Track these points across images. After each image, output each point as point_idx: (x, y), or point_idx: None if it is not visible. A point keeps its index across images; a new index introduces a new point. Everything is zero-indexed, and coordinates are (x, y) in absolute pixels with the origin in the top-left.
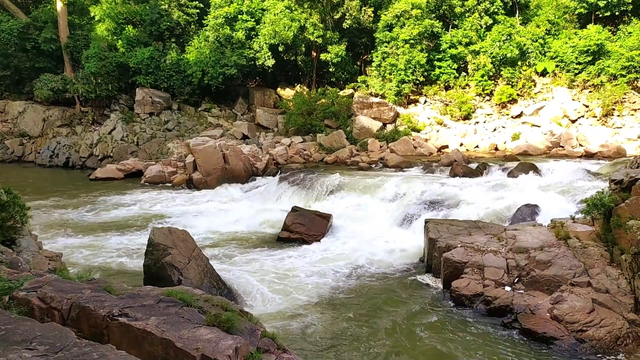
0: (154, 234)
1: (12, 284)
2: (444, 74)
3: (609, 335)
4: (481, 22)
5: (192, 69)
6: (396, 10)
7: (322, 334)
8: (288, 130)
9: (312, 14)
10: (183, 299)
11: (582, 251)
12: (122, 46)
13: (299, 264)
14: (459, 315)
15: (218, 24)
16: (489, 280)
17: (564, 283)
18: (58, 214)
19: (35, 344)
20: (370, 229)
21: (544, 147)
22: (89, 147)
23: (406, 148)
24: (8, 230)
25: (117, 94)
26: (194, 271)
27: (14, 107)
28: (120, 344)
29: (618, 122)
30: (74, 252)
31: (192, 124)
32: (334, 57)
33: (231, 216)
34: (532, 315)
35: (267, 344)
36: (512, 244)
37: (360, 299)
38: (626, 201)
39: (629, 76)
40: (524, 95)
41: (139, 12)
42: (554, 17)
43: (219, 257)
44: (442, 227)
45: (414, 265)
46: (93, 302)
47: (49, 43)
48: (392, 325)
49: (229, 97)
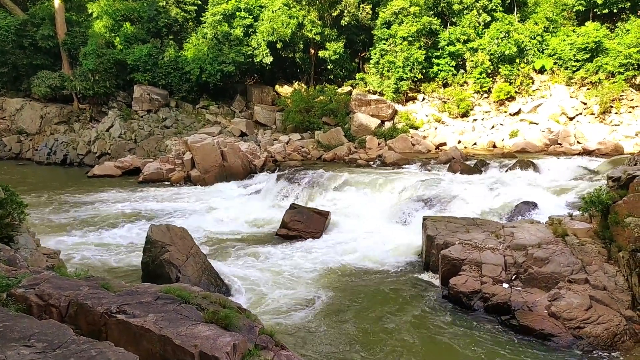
0: (152, 231)
1: (10, 281)
2: (442, 72)
3: (607, 332)
4: (479, 20)
5: (190, 66)
6: (394, 8)
7: (320, 331)
8: (286, 128)
9: (310, 11)
10: (181, 296)
11: (580, 248)
12: (119, 43)
13: (297, 261)
14: (456, 312)
15: (216, 21)
16: (487, 278)
17: (561, 280)
18: (56, 211)
19: (33, 340)
20: (368, 226)
21: (542, 144)
22: (87, 145)
23: (404, 145)
24: (6, 228)
25: (114, 91)
26: (192, 268)
27: (11, 104)
28: (119, 341)
29: (616, 120)
30: (71, 249)
31: (190, 121)
32: (332, 55)
33: (229, 213)
34: (530, 312)
35: (265, 340)
36: (510, 241)
37: (358, 296)
38: (624, 198)
39: (627, 73)
40: (522, 92)
41: (136, 9)
42: (552, 15)
43: (217, 254)
44: (440, 224)
45: (411, 263)
46: (91, 299)
47: (46, 40)
48: (390, 322)
49: (227, 94)
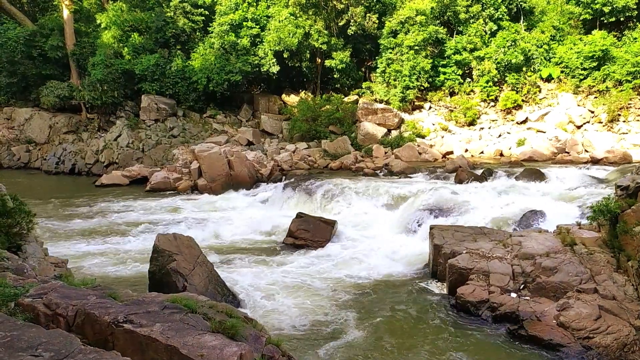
0: (159, 240)
1: (17, 290)
2: (449, 80)
3: (616, 342)
4: (486, 28)
5: (197, 75)
6: (400, 17)
7: (326, 340)
8: (293, 137)
9: (317, 20)
10: (188, 306)
11: (589, 257)
12: (128, 53)
13: (304, 270)
14: (464, 322)
15: (223, 31)
16: (495, 287)
17: (570, 290)
18: (64, 220)
19: (41, 350)
20: (375, 234)
21: (549, 152)
22: (95, 154)
23: (411, 154)
24: (14, 237)
25: (122, 100)
26: (199, 277)
27: (20, 114)
28: (125, 350)
29: (624, 128)
30: (79, 258)
31: (197, 130)
32: (339, 64)
33: (236, 222)
34: (538, 322)
35: (272, 350)
36: (518, 250)
37: (365, 305)
38: (632, 207)
39: (634, 82)
40: (529, 101)
41: (144, 19)
42: (558, 23)
43: (224, 263)
44: (447, 233)
45: (419, 272)
46: (98, 309)
47: (55, 50)
48: (397, 331)
49: (233, 103)
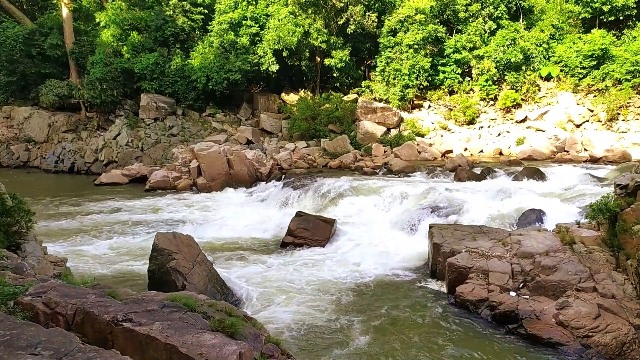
0: (158, 239)
1: (17, 289)
2: (448, 79)
3: (615, 340)
4: (485, 27)
5: (196, 74)
6: (400, 16)
7: (325, 339)
8: (292, 135)
9: (316, 19)
10: (187, 304)
11: (588, 256)
12: (127, 52)
13: (303, 269)
14: (463, 321)
15: (222, 30)
16: (494, 286)
17: (569, 288)
18: (63, 218)
19: (40, 349)
20: (375, 233)
21: (549, 151)
22: (94, 153)
23: (410, 153)
24: (13, 236)
25: (122, 99)
26: (198, 276)
27: (19, 112)
28: (125, 349)
29: (623, 127)
30: (78, 256)
31: (197, 129)
32: (338, 62)
33: (235, 221)
34: (538, 321)
35: (271, 349)
36: (517, 249)
37: (365, 304)
38: (632, 206)
39: (633, 80)
40: (528, 100)
41: (144, 18)
42: (558, 22)
43: (223, 262)
44: (446, 232)
45: (418, 270)
46: (97, 307)
47: (54, 49)
48: (396, 330)
49: (233, 102)
